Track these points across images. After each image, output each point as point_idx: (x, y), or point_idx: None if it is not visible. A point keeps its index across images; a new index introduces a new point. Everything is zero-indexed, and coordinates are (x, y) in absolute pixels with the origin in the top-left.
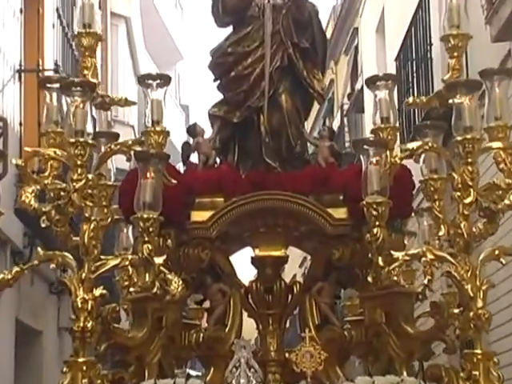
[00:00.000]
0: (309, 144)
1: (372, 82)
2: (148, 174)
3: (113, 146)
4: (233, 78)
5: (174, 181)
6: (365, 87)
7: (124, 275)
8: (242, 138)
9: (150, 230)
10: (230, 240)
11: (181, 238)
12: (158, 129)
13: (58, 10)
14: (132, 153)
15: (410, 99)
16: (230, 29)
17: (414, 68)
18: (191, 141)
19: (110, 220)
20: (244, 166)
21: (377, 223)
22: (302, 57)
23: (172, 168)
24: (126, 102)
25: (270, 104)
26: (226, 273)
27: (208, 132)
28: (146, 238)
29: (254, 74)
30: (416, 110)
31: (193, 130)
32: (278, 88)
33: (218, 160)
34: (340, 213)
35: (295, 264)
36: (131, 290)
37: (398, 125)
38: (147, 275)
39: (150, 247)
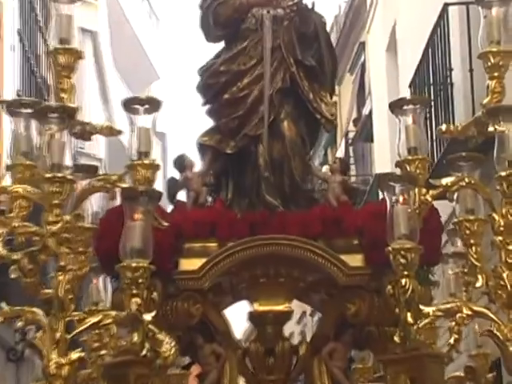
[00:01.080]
0: (316, 179)
1: (398, 105)
2: (136, 215)
3: (94, 182)
4: (226, 101)
5: (165, 223)
6: (374, 111)
7: (94, 335)
8: (237, 172)
9: (140, 281)
10: (225, 292)
11: (168, 289)
12: (146, 162)
13: (19, 32)
14: (117, 190)
15: (444, 126)
16: (221, 44)
17: (432, 95)
18: (178, 176)
19: (87, 269)
20: (239, 204)
21: (405, 273)
22: (306, 76)
23: (157, 208)
24: (111, 131)
25: (270, 132)
26: (220, 331)
27: (197, 165)
28: (135, 291)
29: (250, 96)
30: (435, 143)
31: (180, 163)
32: (280, 113)
33: (209, 198)
34: (355, 260)
35: (292, 320)
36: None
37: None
38: (135, 335)
39: (139, 302)
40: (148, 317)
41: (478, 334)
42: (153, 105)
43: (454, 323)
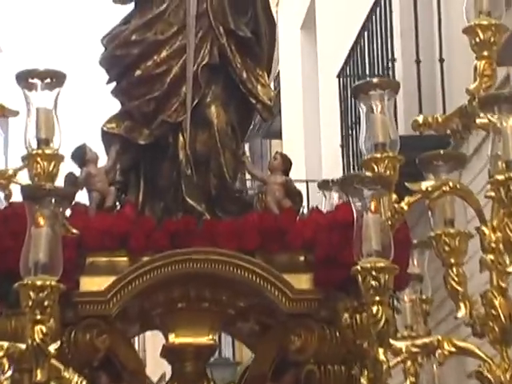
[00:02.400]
0: (251, 179)
1: (362, 90)
2: (41, 220)
3: None
4: (138, 78)
5: (75, 230)
6: (283, 104)
7: None
8: (150, 169)
9: (46, 303)
10: (131, 319)
11: (65, 315)
12: (47, 151)
13: None
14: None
15: (420, 118)
16: (129, 7)
17: None
18: (79, 172)
19: None
20: (153, 208)
21: (377, 298)
22: (239, 50)
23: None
24: (2, 111)
25: (194, 119)
26: (129, 369)
27: (102, 158)
28: (39, 317)
29: (170, 74)
30: None
31: (80, 156)
32: (206, 96)
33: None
34: (302, 281)
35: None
36: None
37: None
38: (39, 371)
39: (44, 330)
40: (51, 349)
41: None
42: (55, 78)
43: (409, 362)
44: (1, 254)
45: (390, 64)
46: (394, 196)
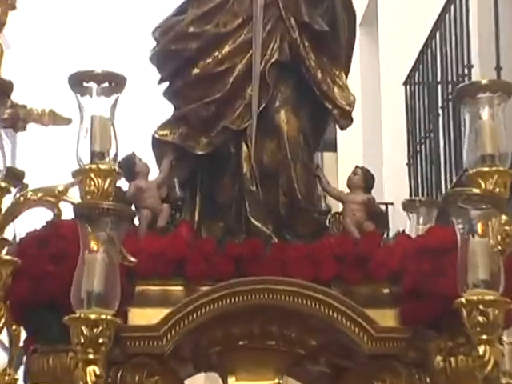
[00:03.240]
0: (326, 196)
1: (468, 93)
2: (96, 244)
3: (30, 194)
4: (197, 78)
5: (132, 259)
6: None
7: None
8: (209, 183)
9: (100, 341)
10: (186, 357)
11: (112, 353)
12: (102, 167)
13: None
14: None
15: None
16: None
17: (440, 100)
18: (127, 185)
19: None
20: (210, 229)
21: (484, 337)
22: (314, 46)
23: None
24: (54, 119)
25: (261, 126)
26: None
27: (153, 171)
28: (92, 356)
29: (233, 73)
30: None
31: (129, 167)
32: (275, 98)
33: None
34: (387, 317)
35: None
36: None
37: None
38: None
39: (97, 372)
40: None
41: None
42: (115, 82)
43: None
44: (37, 280)
45: (466, 70)
46: (504, 217)
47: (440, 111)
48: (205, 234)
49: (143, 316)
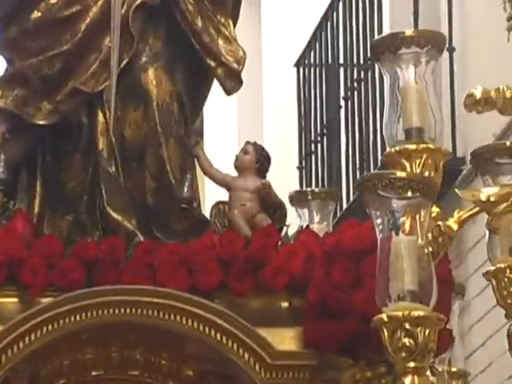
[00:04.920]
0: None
1: (387, 47)
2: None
3: None
4: (35, 25)
5: None
6: None
7: None
8: (53, 163)
9: None
10: None
11: None
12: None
13: None
14: None
15: (479, 91)
16: None
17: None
18: None
19: None
20: (55, 224)
21: (411, 364)
22: None
23: None
24: None
25: (123, 88)
26: None
27: None
28: None
29: (86, 18)
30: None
31: None
32: (141, 52)
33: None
34: (285, 339)
35: None
36: None
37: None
38: None
39: None
40: None
41: None
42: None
43: None
44: None
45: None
46: (436, 209)
47: (342, 102)
48: (48, 231)
49: None
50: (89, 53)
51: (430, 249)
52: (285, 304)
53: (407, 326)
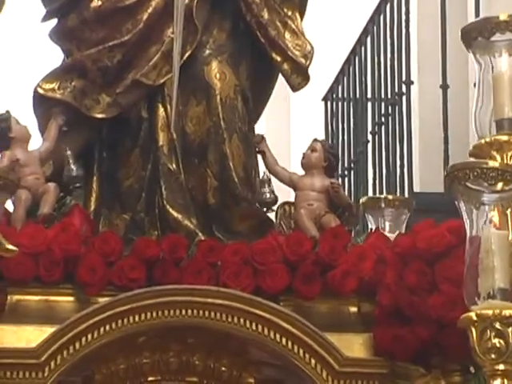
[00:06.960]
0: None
1: (480, 33)
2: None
3: None
4: (95, 14)
5: (12, 247)
6: None
7: None
8: (111, 158)
9: None
10: None
11: None
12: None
13: None
14: None
15: None
16: None
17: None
18: None
19: None
20: (113, 221)
21: (501, 367)
22: None
23: None
24: None
25: (185, 81)
26: None
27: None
28: None
29: (148, 7)
30: None
31: (1, 131)
32: (204, 45)
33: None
34: (354, 345)
35: None
36: None
37: None
38: None
39: None
40: None
41: None
42: None
43: None
44: None
45: (404, 88)
46: None
47: (370, 137)
48: (104, 229)
49: (18, 336)
50: (150, 44)
51: None
52: (353, 309)
53: (497, 325)
